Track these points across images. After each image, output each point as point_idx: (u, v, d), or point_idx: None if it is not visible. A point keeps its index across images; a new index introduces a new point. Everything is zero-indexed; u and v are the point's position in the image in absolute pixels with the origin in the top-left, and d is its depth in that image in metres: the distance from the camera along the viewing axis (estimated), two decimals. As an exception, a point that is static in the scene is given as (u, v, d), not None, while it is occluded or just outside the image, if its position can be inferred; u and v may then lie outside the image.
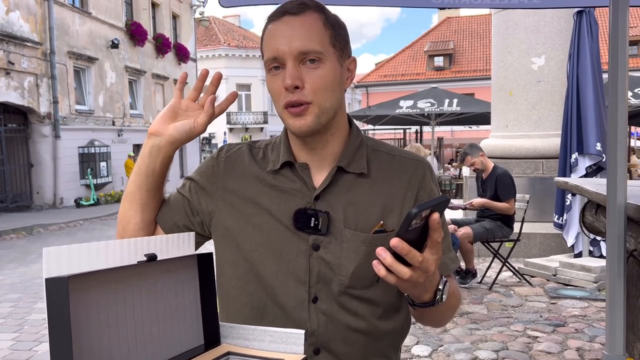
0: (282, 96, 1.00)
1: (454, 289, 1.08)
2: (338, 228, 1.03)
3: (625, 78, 1.42)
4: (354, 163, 1.06)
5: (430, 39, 33.94)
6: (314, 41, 0.98)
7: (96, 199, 15.05)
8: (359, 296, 1.04)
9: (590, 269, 5.00)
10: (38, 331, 4.37)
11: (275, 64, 1.00)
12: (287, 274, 1.03)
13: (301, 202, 1.04)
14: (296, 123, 1.00)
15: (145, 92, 18.97)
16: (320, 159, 1.07)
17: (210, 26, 31.44)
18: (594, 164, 5.09)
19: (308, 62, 0.98)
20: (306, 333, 1.02)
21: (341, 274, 1.02)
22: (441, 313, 1.05)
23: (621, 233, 1.40)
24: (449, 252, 1.11)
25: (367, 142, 1.12)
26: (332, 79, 1.00)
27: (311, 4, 1.01)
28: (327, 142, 1.06)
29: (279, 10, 1.01)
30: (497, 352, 3.44)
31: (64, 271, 0.71)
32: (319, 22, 1.00)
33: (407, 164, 1.10)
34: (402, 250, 0.77)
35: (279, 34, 0.99)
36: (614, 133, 1.42)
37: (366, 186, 1.06)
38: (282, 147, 1.09)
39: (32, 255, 7.83)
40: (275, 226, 1.04)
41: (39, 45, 13.51)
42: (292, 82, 0.97)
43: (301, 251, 1.03)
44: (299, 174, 1.06)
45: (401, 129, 20.92)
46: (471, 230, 4.92)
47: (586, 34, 5.13)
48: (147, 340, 0.83)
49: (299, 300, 1.03)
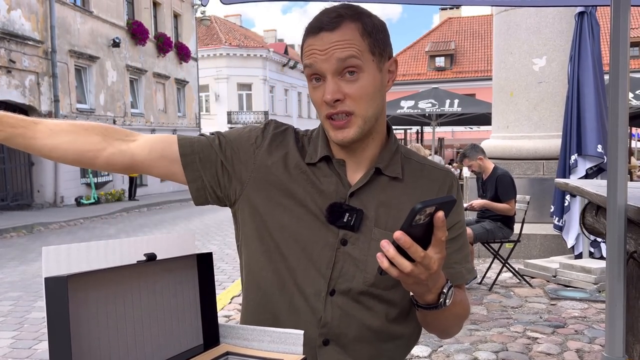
0: (323, 107, 1.01)
1: (462, 299, 1.08)
2: (368, 227, 1.05)
3: (626, 78, 1.41)
4: (391, 167, 1.09)
5: (432, 39, 33.94)
6: (351, 54, 0.98)
7: (97, 198, 15.06)
8: (379, 295, 1.06)
9: (590, 270, 5.00)
10: (38, 330, 4.37)
11: (315, 76, 1.01)
12: (309, 261, 1.05)
13: (335, 197, 1.06)
14: (339, 135, 1.02)
15: (147, 91, 18.98)
16: (357, 159, 1.09)
17: (212, 25, 31.45)
18: (594, 165, 5.09)
19: (347, 75, 0.99)
20: (319, 323, 1.04)
21: (367, 272, 1.04)
22: (445, 319, 1.06)
23: (621, 235, 1.40)
24: (466, 263, 1.12)
25: (401, 149, 1.15)
26: (373, 88, 1.01)
27: (347, 14, 1.00)
28: (367, 145, 1.08)
29: (315, 25, 1.01)
30: (497, 353, 3.44)
31: (63, 270, 0.72)
32: (355, 33, 0.99)
33: (436, 173, 1.13)
34: (405, 243, 0.78)
35: (317, 49, 0.99)
36: (614, 134, 1.42)
37: (399, 190, 1.08)
38: (320, 142, 1.10)
39: (32, 254, 7.84)
40: (306, 215, 1.06)
41: (40, 44, 13.52)
42: (332, 97, 0.98)
43: (328, 243, 1.05)
44: (335, 169, 1.08)
45: (402, 129, 20.89)
46: (471, 231, 4.92)
47: (587, 35, 5.12)
48: (146, 340, 0.83)
49: (316, 289, 1.05)
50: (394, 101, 12.89)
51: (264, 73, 32.36)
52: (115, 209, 13.79)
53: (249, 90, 32.29)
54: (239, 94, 32.12)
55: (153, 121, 19.33)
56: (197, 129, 23.29)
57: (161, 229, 10.86)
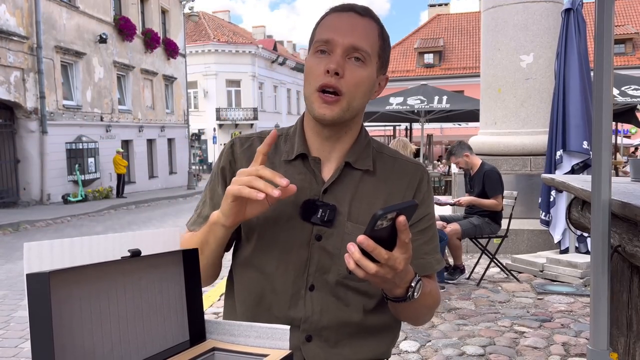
0: (319, 78, 1.04)
1: (432, 290, 1.11)
2: (342, 221, 1.08)
3: (611, 75, 1.43)
4: (361, 160, 1.12)
5: (420, 36, 34.00)
6: (367, 43, 1.05)
7: (84, 195, 14.93)
8: (355, 287, 1.09)
9: (576, 265, 5.06)
10: (24, 328, 4.32)
11: (323, 47, 1.05)
12: (288, 263, 1.08)
13: (309, 194, 1.09)
14: (323, 110, 1.05)
15: (134, 88, 18.81)
16: (330, 152, 1.12)
17: (200, 21, 31.23)
18: (581, 161, 5.14)
19: (354, 59, 1.04)
20: (300, 320, 1.06)
21: (341, 264, 1.06)
22: (415, 310, 1.10)
23: (605, 229, 1.42)
24: (435, 254, 1.16)
25: (373, 143, 1.18)
26: (368, 83, 1.07)
27: (373, 15, 1.10)
28: (341, 137, 1.12)
29: (346, 5, 1.08)
30: (484, 348, 3.47)
31: (45, 267, 0.71)
32: (375, 31, 1.08)
33: (407, 167, 1.17)
34: (368, 247, 0.82)
35: (339, 25, 1.06)
36: (598, 130, 1.43)
37: (371, 184, 1.12)
38: (297, 139, 1.13)
39: (18, 252, 7.75)
40: (282, 215, 1.08)
41: (25, 40, 13.34)
42: (336, 67, 1.02)
43: (304, 241, 1.08)
44: (310, 167, 1.11)
45: (391, 125, 20.94)
46: (459, 227, 4.95)
47: (574, 32, 5.16)
48: (131, 337, 0.83)
49: (296, 288, 1.08)
50: (382, 98, 12.88)
51: (252, 69, 32.24)
52: (102, 207, 13.68)
53: (237, 86, 32.15)
54: (227, 91, 31.97)
55: (141, 118, 19.18)
56: (185, 126, 23.16)
57: (149, 227, 10.79)
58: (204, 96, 31.55)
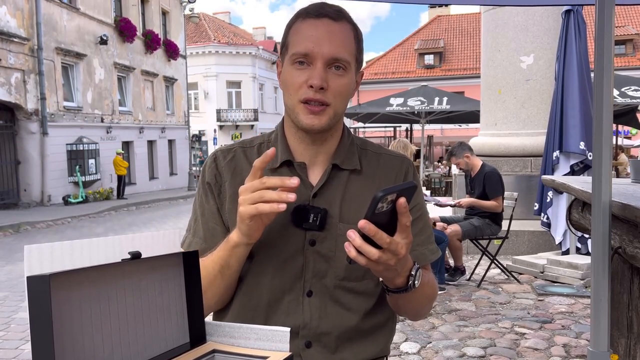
0: (301, 90, 1.03)
1: (430, 280, 1.11)
2: (333, 223, 1.07)
3: (611, 76, 1.43)
4: (348, 160, 1.12)
5: (421, 37, 34.01)
6: (346, 51, 1.04)
7: (84, 197, 14.94)
8: (352, 289, 1.08)
9: (577, 266, 5.06)
10: (25, 330, 4.32)
11: (301, 59, 1.03)
12: (284, 272, 1.07)
13: (299, 200, 1.06)
14: (310, 121, 1.04)
15: (135, 89, 18.83)
16: (315, 156, 1.11)
17: (200, 23, 31.25)
18: (580, 162, 5.13)
19: (334, 68, 1.03)
20: (299, 327, 1.05)
21: (337, 267, 1.06)
22: (416, 300, 1.08)
23: (606, 230, 1.42)
24: (429, 244, 1.15)
25: (356, 140, 1.17)
26: (350, 88, 1.07)
27: (346, 15, 1.07)
28: (326, 140, 1.11)
29: (317, 10, 1.05)
30: (485, 349, 3.46)
31: (46, 269, 0.71)
32: (351, 34, 1.07)
33: (392, 160, 1.17)
34: (369, 231, 0.80)
35: (316, 34, 1.03)
36: (598, 131, 1.43)
37: (359, 183, 1.11)
38: (280, 146, 1.12)
39: (19, 254, 7.75)
40: (274, 224, 1.06)
41: (26, 41, 13.36)
42: (320, 83, 1.01)
43: (298, 248, 1.07)
44: (297, 172, 1.10)
45: (391, 126, 20.97)
46: (460, 228, 4.95)
47: (574, 33, 5.16)
48: (131, 339, 0.83)
49: (294, 295, 1.07)
50: (383, 99, 12.90)
51: (253, 71, 32.25)
52: (103, 208, 13.68)
53: (238, 87, 32.16)
54: (228, 92, 31.97)
55: (141, 119, 19.19)
56: (186, 127, 23.17)
57: (150, 228, 10.79)
58: (204, 97, 31.56)
